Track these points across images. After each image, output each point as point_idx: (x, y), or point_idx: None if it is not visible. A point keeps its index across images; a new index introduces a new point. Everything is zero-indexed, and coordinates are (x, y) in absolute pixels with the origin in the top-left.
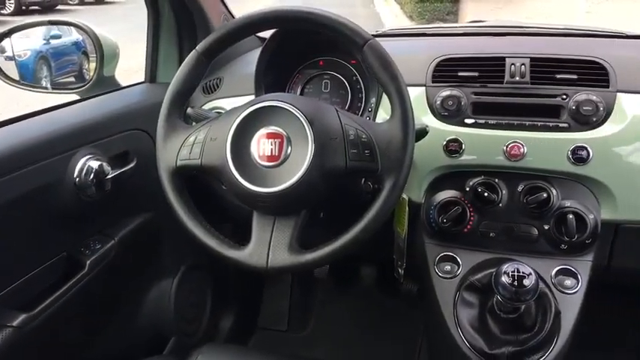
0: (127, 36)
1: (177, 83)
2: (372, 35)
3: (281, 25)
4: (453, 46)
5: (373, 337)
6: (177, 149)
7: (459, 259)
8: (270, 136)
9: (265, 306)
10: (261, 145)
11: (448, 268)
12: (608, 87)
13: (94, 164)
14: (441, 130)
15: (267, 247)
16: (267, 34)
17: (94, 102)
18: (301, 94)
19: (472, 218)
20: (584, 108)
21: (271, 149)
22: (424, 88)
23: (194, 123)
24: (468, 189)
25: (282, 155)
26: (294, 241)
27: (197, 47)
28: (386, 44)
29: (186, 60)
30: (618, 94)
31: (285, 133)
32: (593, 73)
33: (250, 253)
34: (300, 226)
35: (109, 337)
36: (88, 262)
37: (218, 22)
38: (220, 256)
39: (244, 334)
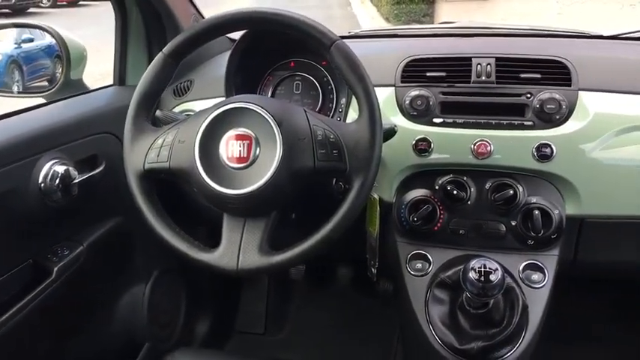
0: (101, 39)
1: (143, 85)
2: (345, 36)
3: (248, 26)
4: (421, 46)
5: (350, 338)
6: (145, 152)
7: (430, 257)
8: (238, 137)
9: (242, 309)
10: (229, 147)
11: (419, 265)
12: (570, 86)
13: (60, 169)
14: (410, 129)
15: (238, 248)
16: (238, 35)
17: (60, 105)
18: (273, 95)
19: (442, 216)
20: (548, 106)
21: (240, 151)
22: (393, 88)
23: (164, 126)
24: (437, 187)
25: (251, 157)
26: (264, 243)
27: (164, 49)
28: (357, 45)
29: (152, 62)
30: (580, 92)
31: (253, 135)
32: (556, 73)
33: (220, 256)
34: (270, 228)
35: (80, 344)
36: (56, 268)
37: (188, 23)
38: (190, 259)
39: (221, 338)
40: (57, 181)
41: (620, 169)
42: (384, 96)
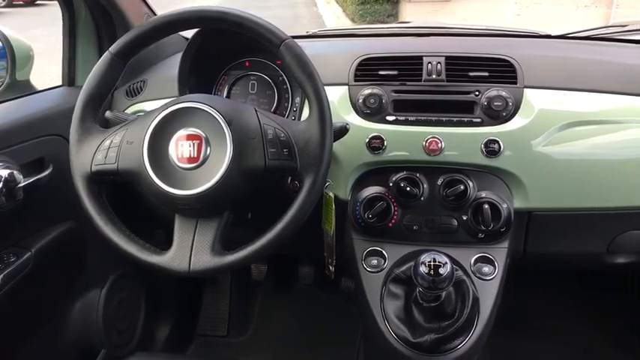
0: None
1: (90, 86)
2: (302, 35)
3: (196, 25)
4: (375, 46)
5: (314, 337)
6: (92, 154)
7: (385, 253)
8: (188, 137)
9: (204, 312)
10: (179, 147)
11: (375, 262)
12: (516, 83)
13: (4, 172)
14: (363, 127)
15: (190, 250)
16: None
17: (5, 107)
18: (228, 95)
19: (396, 212)
20: (495, 103)
21: (190, 151)
22: (347, 87)
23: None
24: (391, 184)
25: (201, 157)
26: (216, 243)
27: (110, 48)
28: (313, 44)
29: (99, 62)
30: (525, 89)
31: (203, 135)
32: (503, 71)
33: (172, 258)
34: (222, 228)
35: (31, 354)
36: (1, 276)
37: (140, 22)
38: (141, 263)
39: (182, 341)
40: (0, 185)
41: (564, 163)
42: (339, 95)
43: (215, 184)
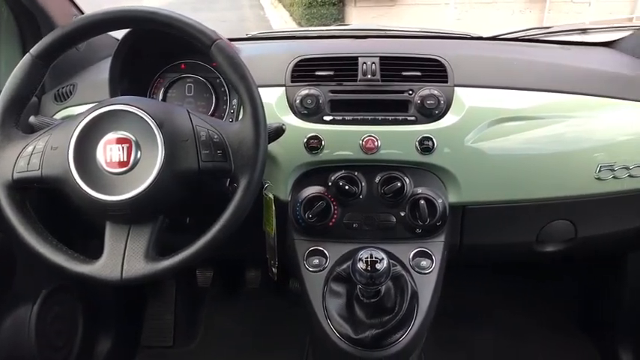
0: None
1: (9, 89)
2: (242, 38)
3: (124, 25)
4: (311, 47)
5: (263, 341)
6: (14, 161)
7: (326, 252)
8: (117, 141)
9: (148, 322)
10: (107, 151)
11: (317, 261)
12: (447, 82)
13: None
14: (301, 128)
15: (122, 257)
16: None
17: None
18: (164, 99)
19: (336, 211)
20: (428, 102)
21: (119, 155)
22: (284, 88)
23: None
24: (330, 184)
25: (132, 160)
26: (150, 249)
27: (31, 50)
28: (251, 46)
29: (19, 64)
30: (456, 88)
31: (133, 138)
32: (434, 70)
33: (102, 266)
34: (157, 233)
35: None
36: None
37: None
38: (70, 273)
39: (126, 355)
40: None
41: (495, 158)
42: (276, 96)
43: (147, 189)
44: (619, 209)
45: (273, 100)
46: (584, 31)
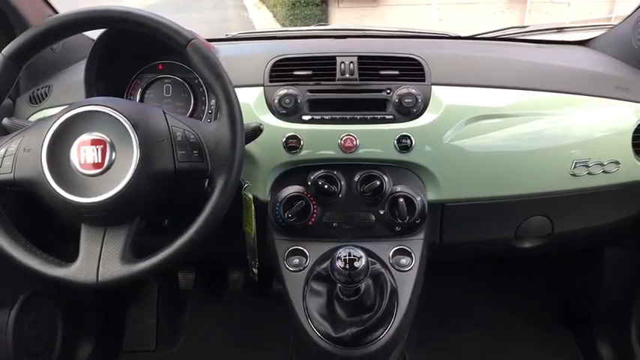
0: None
1: None
2: (222, 38)
3: (97, 25)
4: (289, 47)
5: (247, 343)
6: None
7: (306, 252)
8: (91, 142)
9: (130, 326)
10: (81, 153)
11: (297, 261)
12: (424, 81)
13: None
14: (280, 127)
15: (97, 260)
16: None
17: None
18: (141, 100)
19: (315, 211)
20: (406, 100)
21: (93, 156)
22: (262, 87)
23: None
24: (309, 183)
25: (106, 162)
26: (127, 251)
27: (3, 51)
28: (230, 46)
29: None
30: (433, 86)
31: (107, 139)
32: (412, 69)
33: (78, 269)
34: (133, 235)
35: None
36: None
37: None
38: (45, 277)
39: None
40: None
41: (472, 155)
42: (255, 96)
43: (122, 190)
44: (594, 205)
45: (252, 100)
46: (560, 30)
